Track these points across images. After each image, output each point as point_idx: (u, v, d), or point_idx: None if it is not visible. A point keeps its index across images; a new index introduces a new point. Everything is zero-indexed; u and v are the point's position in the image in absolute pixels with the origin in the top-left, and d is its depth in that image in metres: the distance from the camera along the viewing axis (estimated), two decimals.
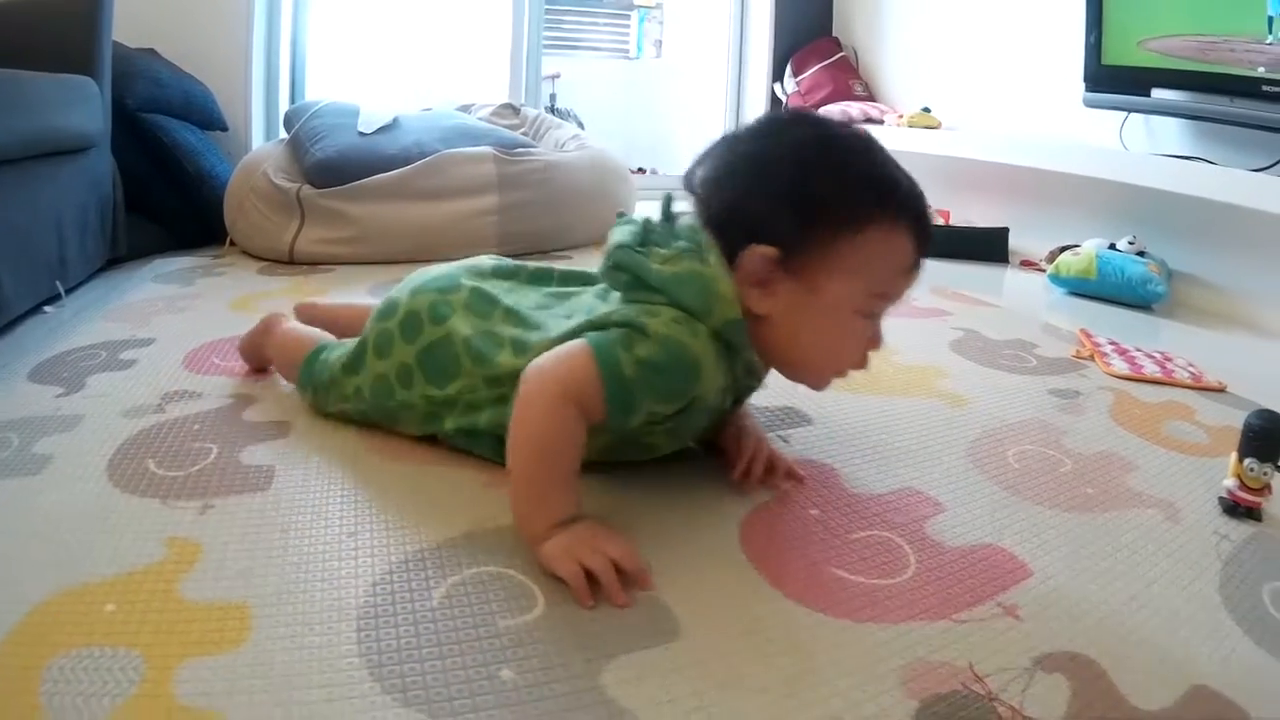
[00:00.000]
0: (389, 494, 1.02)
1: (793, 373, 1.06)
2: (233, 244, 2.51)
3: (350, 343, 1.22)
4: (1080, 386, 1.69)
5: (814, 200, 0.93)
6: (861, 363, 1.03)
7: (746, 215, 0.95)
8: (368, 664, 0.71)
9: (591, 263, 1.07)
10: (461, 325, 1.10)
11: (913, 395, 1.56)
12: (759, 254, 0.93)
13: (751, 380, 1.11)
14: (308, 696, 0.68)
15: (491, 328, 1.10)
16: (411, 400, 1.12)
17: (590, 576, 0.84)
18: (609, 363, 0.90)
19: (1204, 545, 1.10)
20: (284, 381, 1.38)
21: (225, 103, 2.90)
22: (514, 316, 1.11)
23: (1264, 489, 1.18)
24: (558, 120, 3.27)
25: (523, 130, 3.11)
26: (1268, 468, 1.16)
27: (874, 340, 1.02)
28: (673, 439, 1.07)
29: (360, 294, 1.89)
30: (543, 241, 2.59)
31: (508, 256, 2.33)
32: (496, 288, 1.17)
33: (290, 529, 0.93)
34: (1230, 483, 1.19)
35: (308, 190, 2.39)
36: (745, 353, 1.00)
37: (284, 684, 0.69)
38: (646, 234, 1.01)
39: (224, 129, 2.88)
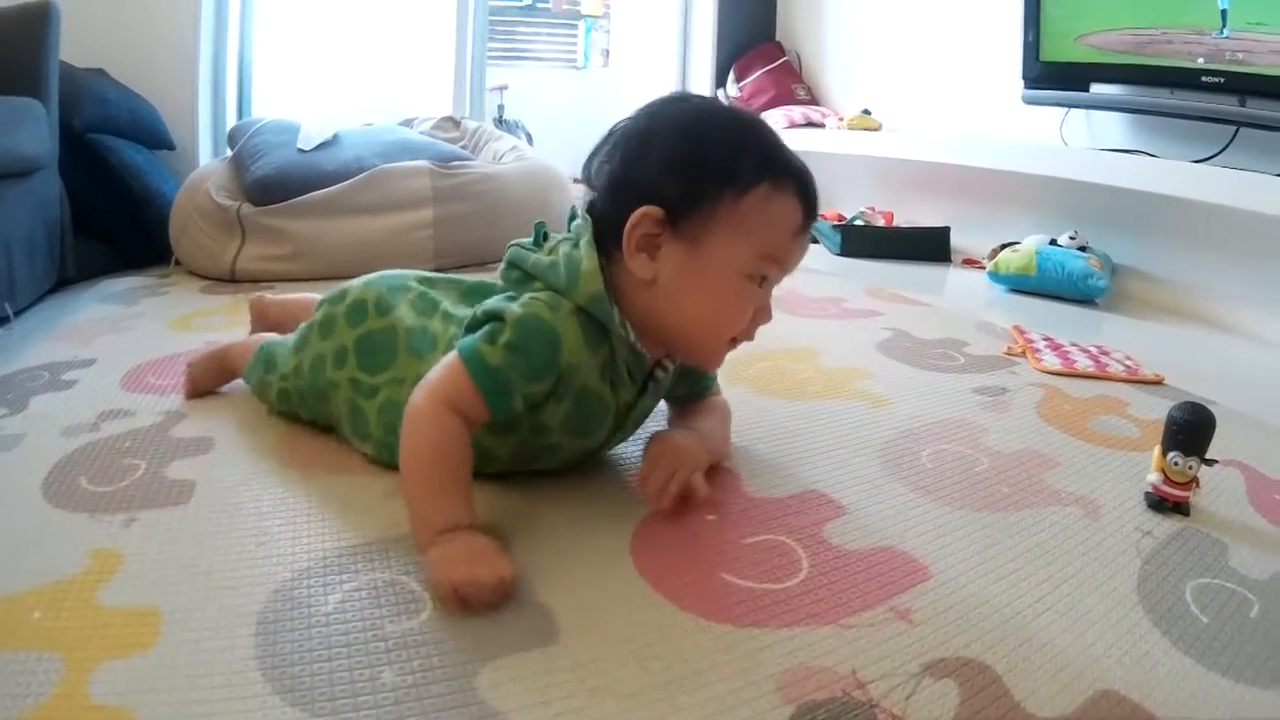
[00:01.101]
0: (300, 504, 1.04)
1: (682, 344, 1.05)
2: (178, 263, 2.49)
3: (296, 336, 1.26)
4: (1008, 383, 1.65)
5: (699, 161, 0.95)
6: (747, 332, 1.02)
7: (632, 185, 0.97)
8: (261, 666, 0.74)
9: None
10: (406, 317, 1.14)
11: (831, 397, 1.52)
12: (644, 213, 0.94)
13: (641, 366, 1.07)
14: (207, 695, 0.71)
15: (429, 325, 1.12)
16: (338, 380, 1.16)
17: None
18: (474, 359, 0.93)
19: (1124, 543, 1.06)
20: (215, 397, 1.41)
21: (172, 121, 2.88)
22: (450, 321, 1.12)
23: (1190, 483, 1.14)
24: (498, 132, 3.28)
25: (463, 143, 3.12)
26: (1193, 461, 1.12)
27: (762, 312, 1.01)
28: (574, 436, 1.06)
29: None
30: (480, 254, 2.56)
31: (445, 270, 2.28)
32: (442, 296, 1.19)
33: (205, 539, 0.95)
34: (1154, 478, 1.15)
35: (247, 208, 2.38)
36: (618, 328, 0.99)
37: (187, 684, 0.72)
38: (541, 235, 1.06)
39: (171, 148, 2.87)
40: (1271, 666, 0.84)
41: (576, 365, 0.98)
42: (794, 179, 0.98)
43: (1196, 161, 2.32)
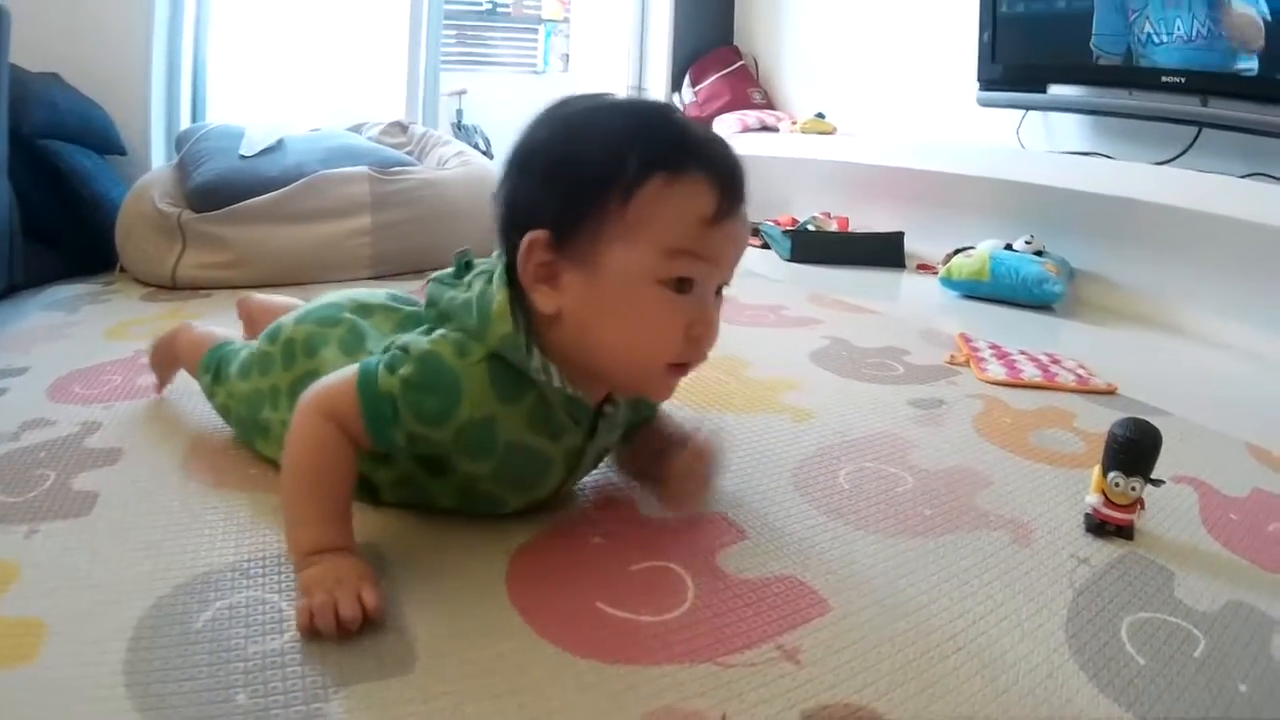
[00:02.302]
0: (195, 518, 1.02)
1: (616, 378, 0.93)
2: (123, 270, 2.48)
3: (252, 345, 1.21)
4: (946, 395, 1.56)
5: (574, 167, 0.84)
6: (688, 349, 0.88)
7: (517, 208, 0.88)
8: (128, 682, 0.72)
9: None
10: (333, 359, 1.07)
11: (753, 411, 1.43)
12: (530, 241, 0.84)
13: (582, 408, 0.95)
14: (75, 711, 0.70)
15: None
16: (272, 421, 1.11)
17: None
18: (366, 381, 0.88)
19: (1056, 572, 0.97)
20: (134, 406, 1.39)
21: (125, 126, 2.90)
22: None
23: (1134, 505, 1.05)
24: (445, 137, 3.24)
25: (409, 148, 3.10)
26: (1135, 482, 1.04)
27: (699, 323, 0.87)
28: (515, 489, 0.98)
29: (230, 319, 1.81)
30: (418, 261, 2.53)
31: (384, 278, 2.27)
32: (373, 328, 1.13)
33: (98, 552, 0.94)
34: (1094, 499, 1.07)
35: (188, 215, 2.37)
36: (537, 373, 0.89)
37: (57, 699, 0.71)
38: (461, 265, 0.97)
39: (122, 153, 2.87)
40: (1214, 717, 0.75)
41: (489, 419, 0.88)
42: (697, 161, 0.84)
43: (1158, 164, 2.27)
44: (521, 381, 0.88)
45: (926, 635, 0.83)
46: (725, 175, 0.85)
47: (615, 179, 0.82)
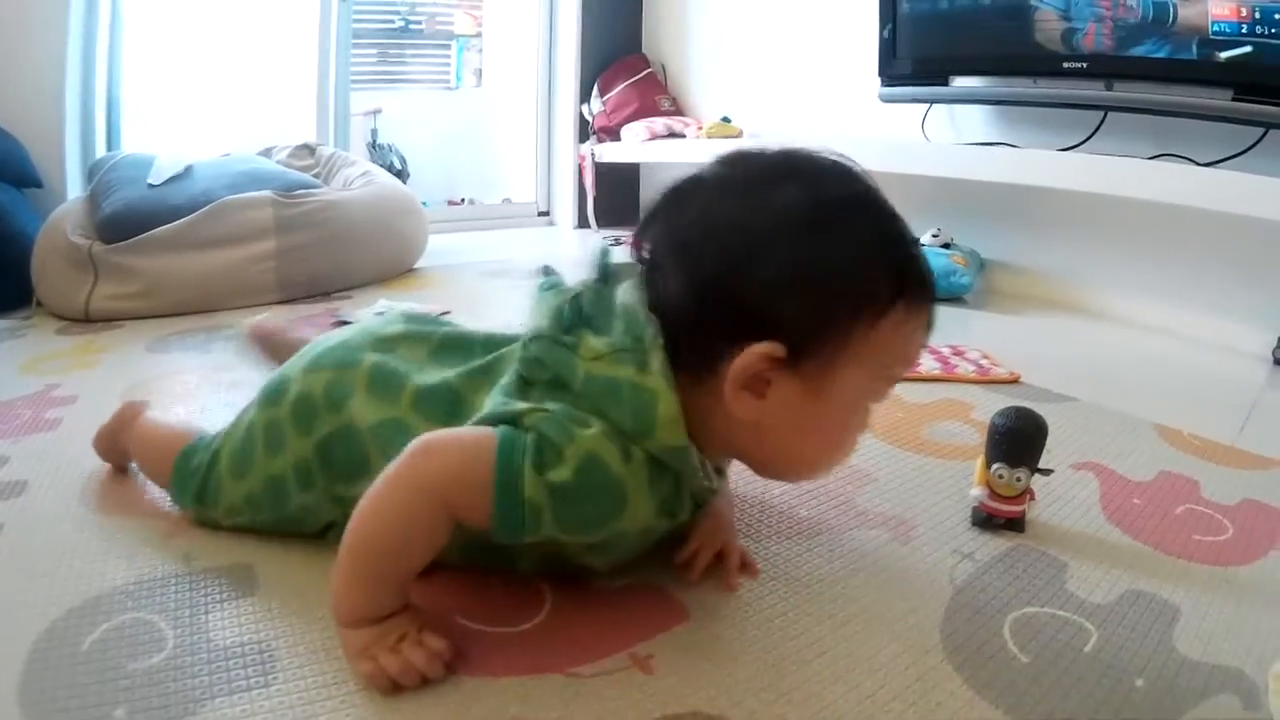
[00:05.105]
0: (90, 545, 1.02)
1: (774, 471, 0.90)
2: (40, 304, 2.45)
3: (228, 433, 1.04)
4: None
5: (825, 279, 0.76)
6: None
7: (734, 298, 0.76)
8: (21, 703, 0.75)
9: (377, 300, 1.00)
10: (364, 411, 0.92)
11: None
12: (760, 354, 0.75)
13: (709, 485, 0.88)
14: None
15: (399, 415, 0.91)
16: (316, 503, 0.96)
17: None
18: (508, 476, 0.75)
19: (936, 569, 0.95)
20: (43, 439, 1.36)
21: (41, 158, 2.88)
22: (427, 401, 0.92)
23: (1023, 496, 1.03)
24: (351, 157, 3.25)
25: (315, 170, 3.11)
26: (1021, 473, 1.02)
27: (865, 425, 0.87)
28: (605, 559, 0.89)
29: (138, 350, 1.84)
30: (324, 284, 2.55)
31: (290, 302, 2.26)
32: (405, 361, 0.97)
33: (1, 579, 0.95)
34: (978, 492, 1.04)
35: (99, 246, 2.36)
36: (696, 474, 0.82)
37: None
38: (577, 312, 0.83)
39: (38, 185, 2.85)
40: (1105, 716, 0.73)
41: (635, 523, 0.80)
42: (927, 293, 0.81)
43: (1065, 149, 2.29)
44: (665, 474, 0.80)
45: (788, 640, 0.81)
46: (933, 302, 0.82)
47: (869, 300, 0.76)
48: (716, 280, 0.77)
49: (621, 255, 0.85)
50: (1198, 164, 2.06)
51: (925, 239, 2.53)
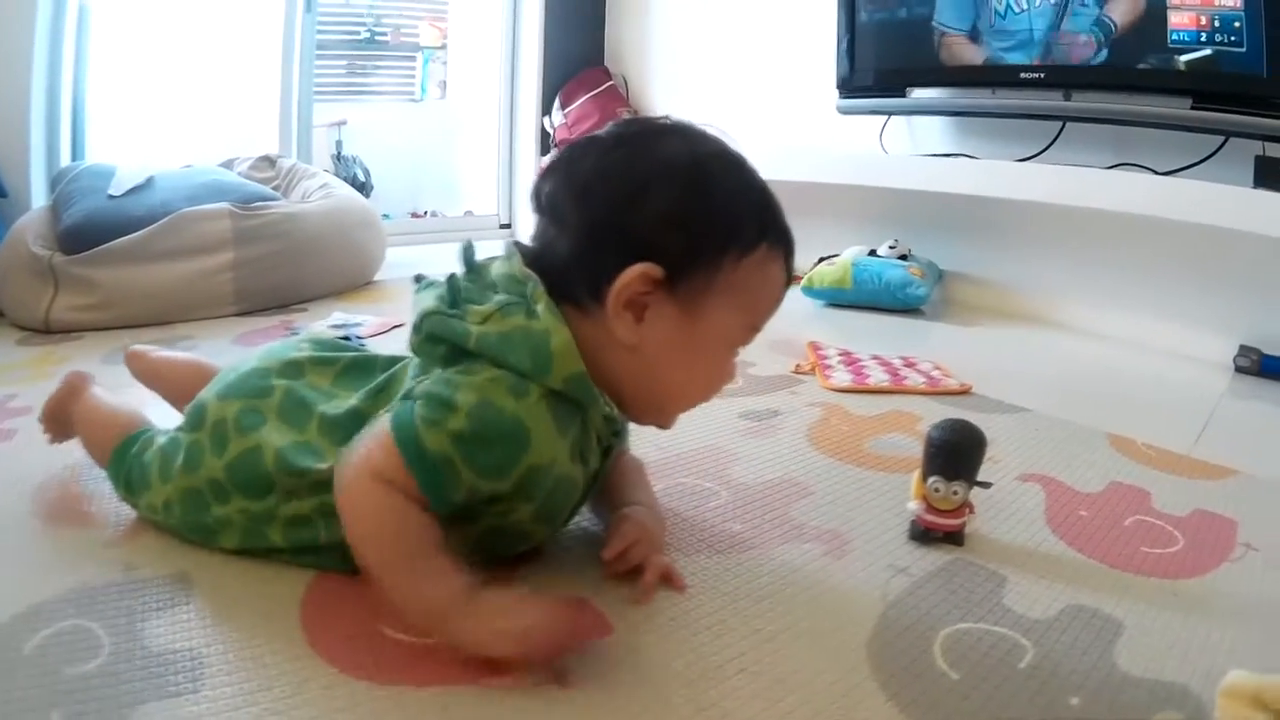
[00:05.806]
0: (34, 554, 1.02)
1: (645, 409, 0.96)
2: (2, 315, 2.43)
3: (165, 436, 1.09)
4: (784, 405, 1.52)
5: (705, 214, 0.86)
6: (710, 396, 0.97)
7: (622, 233, 0.86)
8: None
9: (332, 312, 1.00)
10: (273, 436, 0.99)
11: None
12: (641, 272, 0.84)
13: (615, 428, 1.00)
14: None
15: (307, 439, 0.99)
16: (228, 515, 1.00)
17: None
18: (409, 443, 0.81)
19: (868, 584, 0.94)
20: None
21: (5, 168, 2.87)
22: (333, 430, 0.98)
23: (961, 509, 1.02)
24: (312, 169, 3.24)
25: (275, 182, 3.10)
26: (958, 486, 1.00)
27: (728, 378, 0.96)
28: (544, 523, 0.95)
29: (94, 362, 1.83)
30: (283, 295, 2.55)
31: (249, 314, 2.27)
32: (312, 390, 1.04)
33: None
34: (915, 506, 1.03)
35: (59, 257, 2.36)
36: (596, 406, 0.90)
37: None
38: (455, 294, 0.90)
39: (3, 195, 2.85)
40: None
41: (551, 461, 0.85)
42: (786, 244, 0.92)
43: (1022, 160, 2.31)
44: (573, 412, 0.87)
45: (709, 655, 0.80)
46: (791, 252, 0.93)
47: (736, 236, 0.87)
48: (605, 216, 0.86)
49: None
50: (1157, 173, 2.08)
51: (882, 250, 2.55)
